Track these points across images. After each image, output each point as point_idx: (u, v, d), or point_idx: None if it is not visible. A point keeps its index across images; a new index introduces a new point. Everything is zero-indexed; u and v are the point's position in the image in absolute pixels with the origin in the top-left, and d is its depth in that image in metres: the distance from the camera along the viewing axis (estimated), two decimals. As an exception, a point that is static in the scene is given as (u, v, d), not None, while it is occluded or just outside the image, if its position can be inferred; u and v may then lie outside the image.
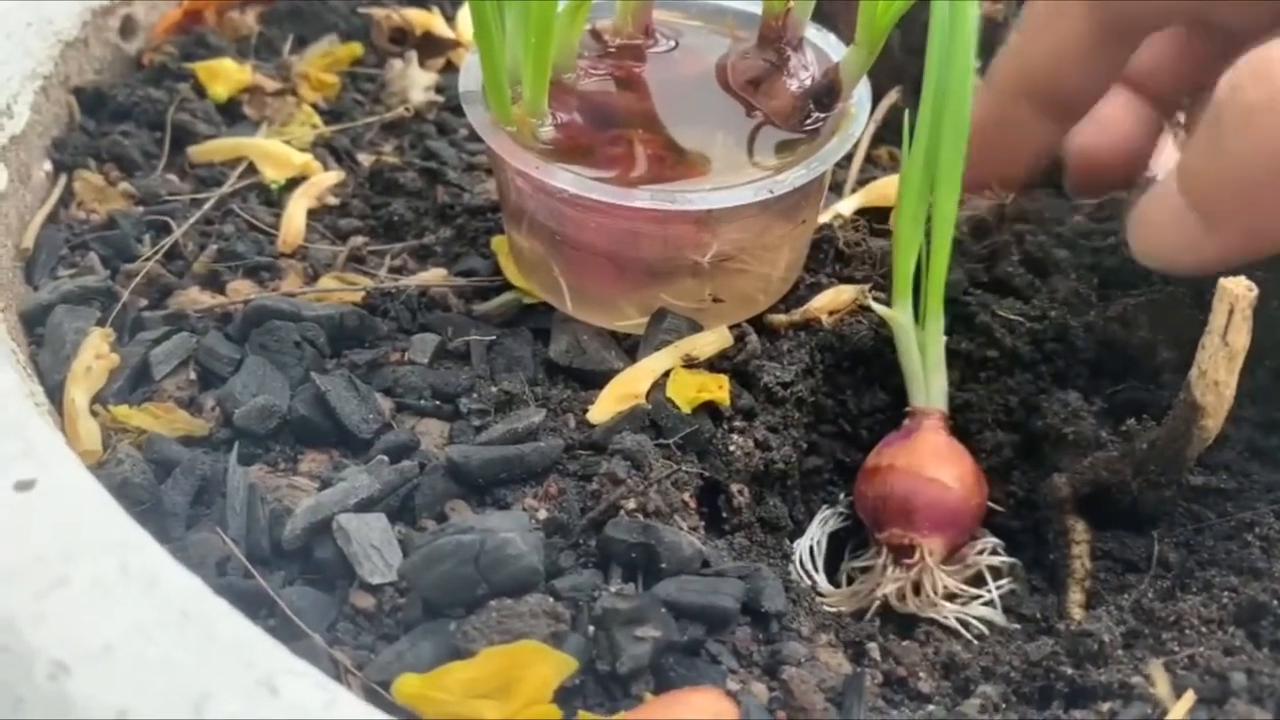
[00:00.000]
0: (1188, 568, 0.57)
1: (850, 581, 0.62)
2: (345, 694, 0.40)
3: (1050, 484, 0.62)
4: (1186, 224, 0.58)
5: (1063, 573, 0.61)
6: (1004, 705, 0.51)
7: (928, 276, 0.60)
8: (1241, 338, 0.54)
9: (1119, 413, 0.63)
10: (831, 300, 0.66)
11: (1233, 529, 0.58)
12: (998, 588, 0.60)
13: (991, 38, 0.77)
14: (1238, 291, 0.53)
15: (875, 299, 0.64)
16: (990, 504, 0.62)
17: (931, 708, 0.52)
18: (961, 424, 0.65)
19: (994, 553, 0.62)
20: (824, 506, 0.65)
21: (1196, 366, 0.55)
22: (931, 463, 0.60)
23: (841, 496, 0.66)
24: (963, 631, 0.58)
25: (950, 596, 0.59)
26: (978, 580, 0.60)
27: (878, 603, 0.59)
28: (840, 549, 0.64)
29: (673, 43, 0.68)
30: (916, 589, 0.59)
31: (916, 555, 0.59)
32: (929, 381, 0.62)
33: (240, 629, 0.42)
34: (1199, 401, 0.55)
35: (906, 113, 0.60)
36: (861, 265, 0.68)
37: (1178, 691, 0.49)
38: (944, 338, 0.62)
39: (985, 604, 0.59)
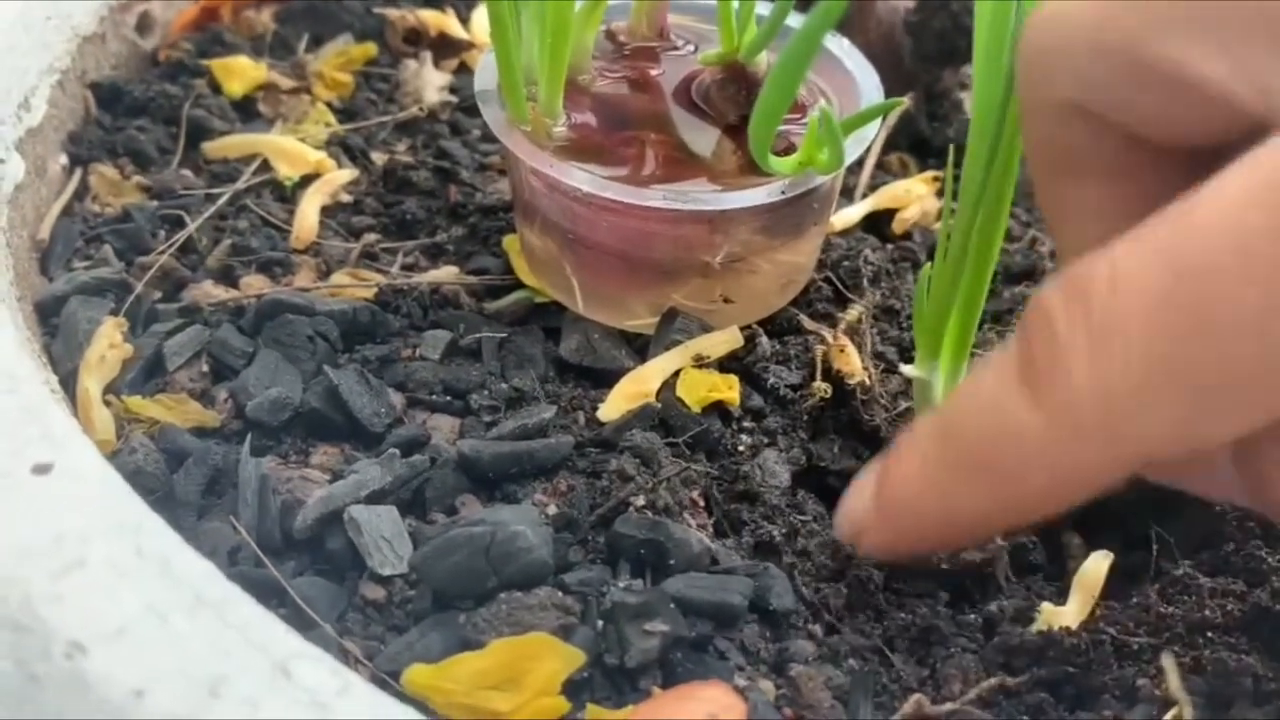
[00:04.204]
0: (1193, 573, 0.57)
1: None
2: (358, 680, 0.40)
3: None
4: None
5: (1061, 586, 0.61)
6: (1010, 705, 0.51)
7: (956, 329, 0.56)
8: None
9: None
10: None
11: (1240, 535, 0.58)
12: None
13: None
14: None
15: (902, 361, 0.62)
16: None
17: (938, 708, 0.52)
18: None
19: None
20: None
21: None
22: None
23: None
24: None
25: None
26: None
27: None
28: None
29: (690, 46, 0.68)
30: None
31: None
32: None
33: (253, 614, 0.42)
34: None
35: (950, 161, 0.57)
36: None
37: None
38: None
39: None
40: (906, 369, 0.59)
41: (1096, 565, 0.58)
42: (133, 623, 0.40)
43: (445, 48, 0.87)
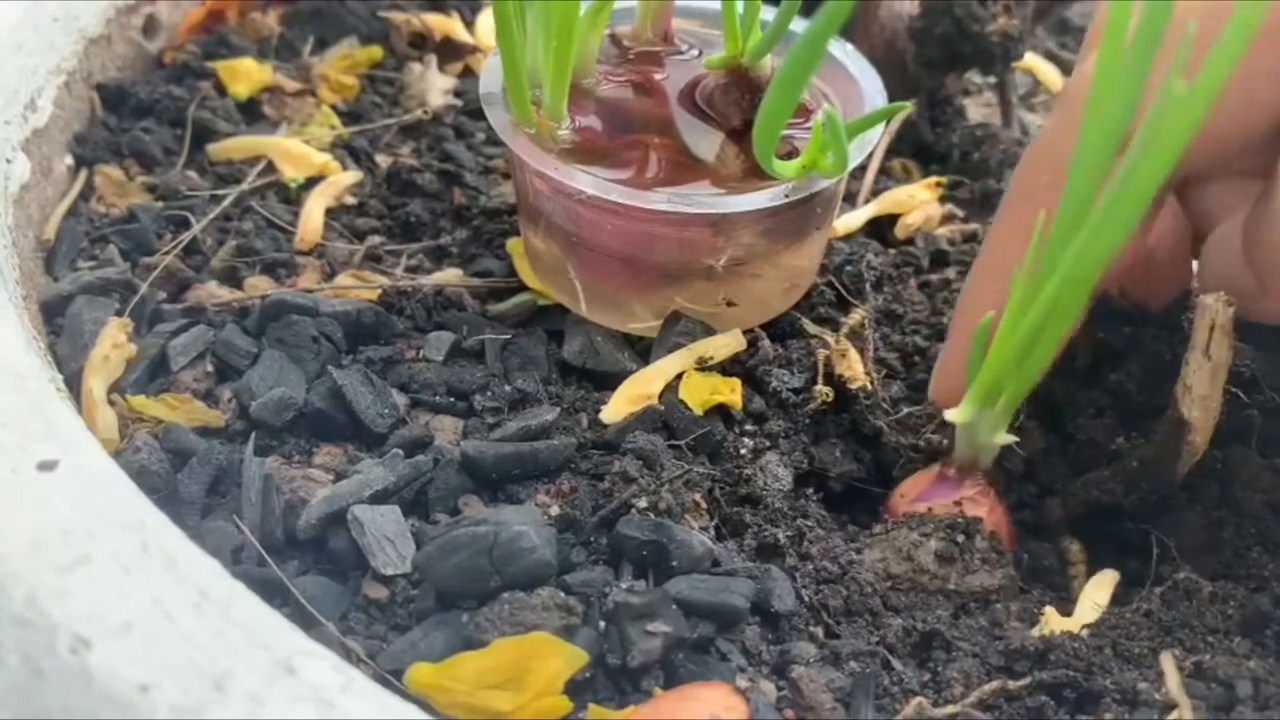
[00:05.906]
0: (1194, 578, 0.57)
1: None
2: (361, 676, 0.41)
3: (1044, 506, 0.63)
4: (1245, 281, 0.55)
5: (1063, 591, 0.61)
6: (1011, 708, 0.51)
7: (1017, 384, 0.55)
8: (1223, 352, 0.54)
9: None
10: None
11: (1239, 540, 0.58)
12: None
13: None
14: (1217, 307, 0.54)
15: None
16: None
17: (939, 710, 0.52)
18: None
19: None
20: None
21: (1181, 382, 0.55)
22: None
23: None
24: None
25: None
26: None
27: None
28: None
29: (694, 50, 0.69)
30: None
31: None
32: (980, 457, 0.59)
33: (258, 611, 0.42)
34: (1186, 417, 0.55)
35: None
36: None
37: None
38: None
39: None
40: (950, 414, 0.57)
41: (1103, 581, 0.58)
42: (138, 618, 0.40)
43: (450, 51, 0.87)
